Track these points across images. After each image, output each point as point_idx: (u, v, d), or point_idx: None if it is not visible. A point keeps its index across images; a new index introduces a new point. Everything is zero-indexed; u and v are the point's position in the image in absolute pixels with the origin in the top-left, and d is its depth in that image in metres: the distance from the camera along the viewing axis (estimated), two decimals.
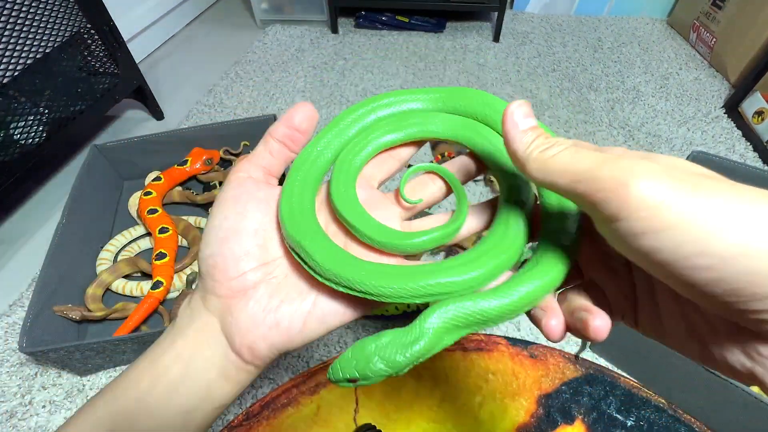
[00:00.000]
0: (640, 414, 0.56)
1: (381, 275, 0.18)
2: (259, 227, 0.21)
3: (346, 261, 0.18)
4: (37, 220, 0.81)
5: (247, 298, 0.20)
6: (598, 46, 1.26)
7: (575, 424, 0.55)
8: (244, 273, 0.20)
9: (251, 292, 0.20)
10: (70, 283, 0.62)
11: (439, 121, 0.22)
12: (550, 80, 1.13)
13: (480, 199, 0.82)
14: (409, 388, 0.58)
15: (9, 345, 0.63)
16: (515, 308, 0.18)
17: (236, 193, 0.21)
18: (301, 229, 0.19)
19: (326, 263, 0.18)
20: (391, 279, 0.18)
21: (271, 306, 0.20)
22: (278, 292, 0.20)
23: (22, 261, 0.75)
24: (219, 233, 0.20)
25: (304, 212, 0.20)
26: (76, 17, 0.81)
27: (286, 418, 0.55)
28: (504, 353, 0.62)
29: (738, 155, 0.90)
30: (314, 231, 0.19)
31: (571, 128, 0.97)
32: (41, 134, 0.76)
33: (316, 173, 0.21)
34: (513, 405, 0.56)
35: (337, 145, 0.22)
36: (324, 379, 0.58)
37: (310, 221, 0.20)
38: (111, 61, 0.89)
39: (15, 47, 0.71)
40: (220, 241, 0.20)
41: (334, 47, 1.28)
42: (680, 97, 1.06)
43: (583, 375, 0.60)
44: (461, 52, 1.24)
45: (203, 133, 0.81)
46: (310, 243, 0.18)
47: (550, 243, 0.19)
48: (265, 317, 0.20)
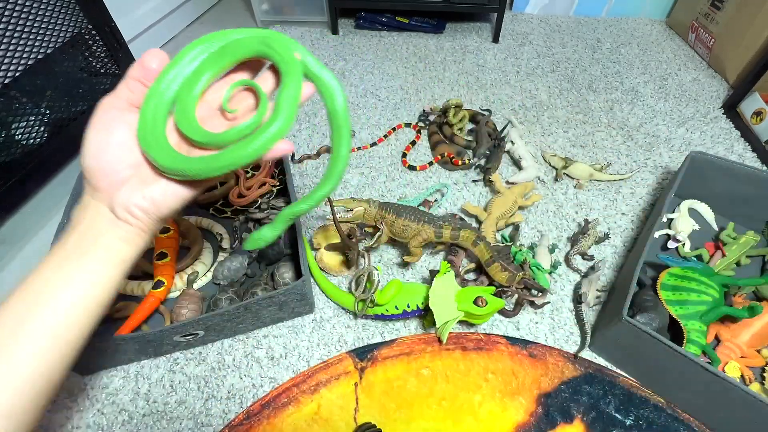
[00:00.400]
0: (638, 413, 0.56)
1: (195, 161, 0.29)
2: (127, 139, 0.29)
3: (176, 158, 0.29)
4: (38, 221, 0.82)
5: (123, 186, 0.29)
6: (597, 46, 1.26)
7: (574, 423, 0.55)
8: (117, 171, 0.29)
9: (125, 183, 0.29)
10: None
11: (239, 45, 0.31)
12: (549, 81, 1.13)
13: (480, 199, 0.82)
14: (409, 387, 0.58)
15: None
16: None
17: (102, 117, 0.30)
18: (148, 143, 0.29)
19: (164, 162, 0.28)
20: (201, 161, 0.29)
21: (142, 187, 0.29)
22: (146, 180, 0.30)
23: (24, 261, 0.75)
24: (92, 147, 0.29)
25: (155, 131, 0.29)
26: (77, 18, 0.81)
27: (287, 417, 0.56)
28: (503, 352, 0.62)
29: (737, 155, 0.90)
30: (159, 143, 0.29)
31: (570, 128, 0.98)
32: (42, 135, 0.77)
33: (166, 102, 0.30)
34: (512, 404, 0.57)
35: (179, 81, 0.31)
36: (324, 378, 0.58)
37: (159, 136, 0.29)
38: (112, 61, 0.89)
39: (16, 48, 0.71)
40: (94, 153, 0.29)
41: (335, 48, 1.28)
42: (679, 98, 1.06)
43: (582, 374, 0.60)
44: (461, 52, 1.25)
45: None
46: (153, 151, 0.29)
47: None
48: (137, 193, 0.29)
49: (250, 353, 0.62)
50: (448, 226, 0.64)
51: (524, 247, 0.73)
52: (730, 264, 0.67)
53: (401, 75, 1.16)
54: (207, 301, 0.65)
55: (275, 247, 0.69)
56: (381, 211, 0.66)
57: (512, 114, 1.02)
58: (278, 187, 0.80)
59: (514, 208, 0.75)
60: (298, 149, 0.94)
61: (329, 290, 0.67)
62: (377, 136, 0.97)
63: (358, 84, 1.13)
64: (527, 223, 0.78)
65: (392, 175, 0.87)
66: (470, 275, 0.70)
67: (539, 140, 0.95)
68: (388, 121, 1.01)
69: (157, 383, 0.59)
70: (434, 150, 0.91)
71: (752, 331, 0.58)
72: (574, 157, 0.90)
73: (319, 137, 0.97)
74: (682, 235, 0.70)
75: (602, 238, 0.74)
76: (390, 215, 0.66)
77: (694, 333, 0.55)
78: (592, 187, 0.84)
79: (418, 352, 0.61)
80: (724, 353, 0.58)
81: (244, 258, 0.68)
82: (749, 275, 0.68)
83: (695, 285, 0.59)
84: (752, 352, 0.58)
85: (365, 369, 0.59)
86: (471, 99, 1.07)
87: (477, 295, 0.58)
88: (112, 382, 0.59)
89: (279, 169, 0.83)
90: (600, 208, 0.80)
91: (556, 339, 0.63)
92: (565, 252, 0.73)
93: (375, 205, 0.67)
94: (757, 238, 0.68)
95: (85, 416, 0.56)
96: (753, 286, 0.63)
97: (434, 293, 0.58)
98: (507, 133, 0.92)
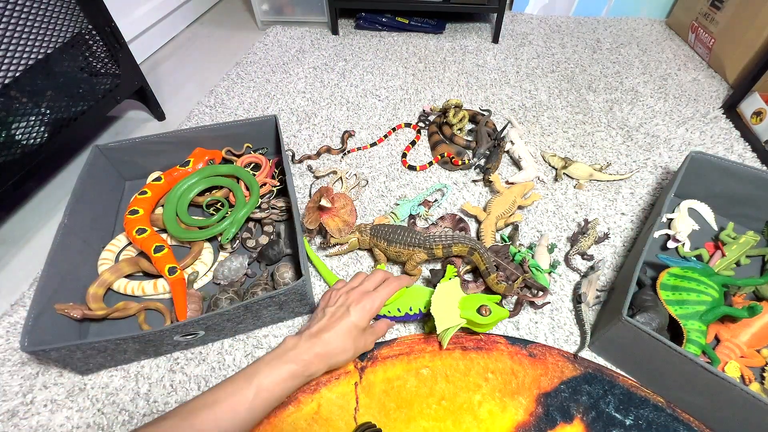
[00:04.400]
0: (638, 413, 0.56)
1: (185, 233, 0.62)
2: None
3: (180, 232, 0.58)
4: (38, 221, 0.82)
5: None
6: (597, 46, 1.26)
7: (574, 422, 0.55)
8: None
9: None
10: (72, 283, 0.62)
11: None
12: (549, 81, 1.13)
13: (479, 199, 0.82)
14: (409, 387, 0.58)
15: (10, 344, 0.63)
16: None
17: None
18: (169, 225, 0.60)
19: (176, 234, 0.60)
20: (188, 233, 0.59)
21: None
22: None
23: (24, 261, 0.75)
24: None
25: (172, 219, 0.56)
26: (78, 18, 0.81)
27: (287, 416, 0.56)
28: (503, 352, 0.62)
29: (736, 155, 0.90)
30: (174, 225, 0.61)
31: (569, 129, 0.98)
32: (43, 135, 0.77)
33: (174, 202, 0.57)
34: (512, 404, 0.57)
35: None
36: (325, 378, 0.58)
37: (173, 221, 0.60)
38: (112, 61, 0.89)
39: (16, 48, 0.71)
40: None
41: (335, 48, 1.28)
42: (679, 98, 1.06)
43: (582, 374, 0.60)
44: (461, 53, 1.25)
45: (204, 134, 0.81)
46: (170, 228, 0.58)
47: None
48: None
49: (251, 353, 0.62)
50: (438, 246, 0.64)
51: (523, 247, 0.73)
52: (730, 264, 0.67)
53: (401, 75, 1.16)
54: (207, 301, 0.65)
55: (275, 247, 0.69)
56: (373, 239, 0.69)
57: (512, 114, 1.02)
58: (278, 187, 0.80)
59: (514, 208, 0.76)
60: (298, 149, 0.94)
61: (329, 278, 0.68)
62: (377, 136, 0.97)
63: (358, 84, 1.13)
64: (527, 223, 0.78)
65: (392, 175, 0.87)
66: (469, 275, 0.70)
67: (539, 140, 0.95)
68: (388, 121, 1.01)
69: (157, 383, 0.59)
70: (434, 150, 0.92)
71: (752, 331, 0.58)
72: (573, 157, 0.90)
73: (319, 137, 0.97)
74: (682, 235, 0.70)
75: (602, 238, 0.74)
76: (381, 243, 0.67)
77: (693, 333, 0.55)
78: (591, 187, 0.84)
79: (417, 352, 0.61)
80: (724, 353, 0.58)
81: (245, 258, 0.68)
82: (749, 275, 0.68)
83: (695, 285, 0.59)
84: (752, 352, 0.58)
85: (365, 368, 0.59)
86: (471, 99, 1.07)
87: (481, 303, 0.57)
88: (112, 382, 0.59)
89: (279, 170, 0.83)
90: (600, 208, 0.80)
91: (555, 339, 0.63)
92: (564, 252, 0.73)
93: (366, 233, 0.69)
94: (756, 238, 0.68)
95: (85, 416, 0.56)
96: (753, 286, 0.63)
97: (437, 299, 0.58)
98: (507, 133, 0.92)
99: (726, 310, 0.56)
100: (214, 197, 0.76)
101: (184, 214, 0.72)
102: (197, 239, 0.69)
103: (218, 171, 0.78)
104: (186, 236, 0.69)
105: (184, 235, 0.69)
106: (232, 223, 0.70)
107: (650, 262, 0.68)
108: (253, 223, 0.75)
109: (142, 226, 0.68)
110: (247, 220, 0.74)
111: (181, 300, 0.62)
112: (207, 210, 0.76)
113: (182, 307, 0.62)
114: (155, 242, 0.66)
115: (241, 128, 0.82)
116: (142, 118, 1.06)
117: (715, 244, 0.71)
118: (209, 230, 0.70)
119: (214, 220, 0.72)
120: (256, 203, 0.74)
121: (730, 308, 0.56)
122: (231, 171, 0.78)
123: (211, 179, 0.77)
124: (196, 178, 0.76)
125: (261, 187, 0.77)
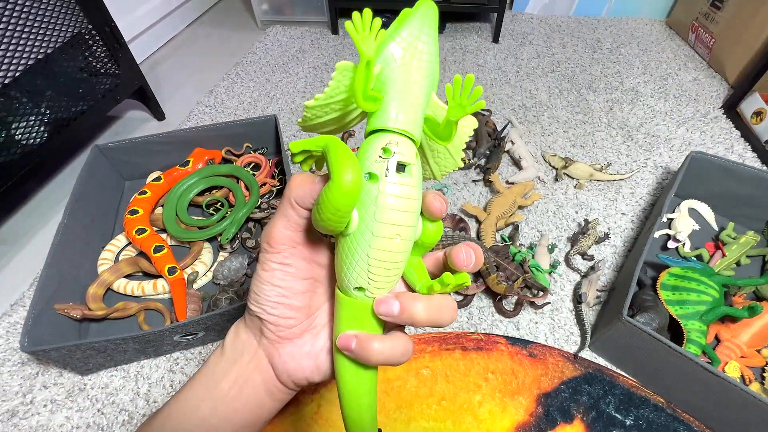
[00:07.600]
0: (638, 413, 0.56)
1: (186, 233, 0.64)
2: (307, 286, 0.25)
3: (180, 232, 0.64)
4: (38, 220, 0.82)
5: (293, 342, 0.25)
6: (597, 46, 1.26)
7: (574, 423, 0.55)
8: (293, 326, 0.24)
9: (297, 338, 0.25)
10: (72, 283, 0.62)
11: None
12: (549, 81, 1.13)
13: (480, 198, 0.82)
14: (409, 387, 0.58)
15: (10, 344, 0.63)
16: None
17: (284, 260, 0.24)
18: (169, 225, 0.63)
19: (174, 233, 0.64)
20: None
21: (314, 351, 0.25)
22: (318, 340, 0.25)
23: (24, 261, 0.75)
24: (273, 294, 0.24)
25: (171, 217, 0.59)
26: (77, 18, 0.81)
27: (287, 416, 0.56)
28: (503, 352, 0.62)
29: (737, 155, 0.90)
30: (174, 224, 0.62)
31: (569, 129, 0.98)
32: (42, 134, 0.77)
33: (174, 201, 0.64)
34: (512, 404, 0.57)
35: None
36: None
37: (173, 220, 0.62)
38: (112, 61, 0.89)
39: (16, 48, 0.71)
40: (276, 301, 0.24)
41: (335, 48, 1.28)
42: (679, 98, 1.06)
43: (582, 374, 0.60)
44: (461, 52, 1.25)
45: (204, 134, 0.81)
46: (169, 228, 0.62)
47: None
48: (309, 360, 0.25)
49: None
50: (438, 246, 0.64)
51: (524, 247, 0.73)
52: (730, 264, 0.67)
53: None
54: (207, 301, 0.65)
55: None
56: None
57: (512, 114, 1.02)
58: (278, 187, 0.80)
59: (514, 208, 0.75)
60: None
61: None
62: None
63: None
64: (527, 223, 0.78)
65: None
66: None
67: (539, 140, 0.95)
68: None
69: (157, 383, 0.59)
70: None
71: (752, 331, 0.58)
72: (574, 157, 0.90)
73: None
74: (682, 235, 0.70)
75: (602, 238, 0.74)
76: None
77: (694, 333, 0.55)
78: (592, 187, 0.84)
79: (417, 352, 0.61)
80: (724, 353, 0.58)
81: (244, 258, 0.68)
82: (749, 275, 0.68)
83: (695, 285, 0.59)
84: (752, 352, 0.58)
85: None
86: None
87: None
88: (112, 382, 0.59)
89: (279, 169, 0.83)
90: (600, 208, 0.80)
91: (556, 339, 0.63)
92: (564, 252, 0.73)
93: None
94: (757, 238, 0.68)
95: (85, 416, 0.56)
96: (753, 286, 0.63)
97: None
98: (507, 133, 0.92)
99: (726, 310, 0.56)
100: (214, 197, 0.76)
101: (184, 214, 0.72)
102: (197, 239, 0.69)
103: (218, 171, 0.78)
104: (186, 236, 0.69)
105: (183, 235, 0.69)
106: (231, 223, 0.71)
107: (650, 262, 0.68)
108: (253, 223, 0.75)
109: (142, 226, 0.68)
110: (246, 220, 0.74)
111: (180, 300, 0.62)
112: (207, 210, 0.76)
113: (182, 307, 0.62)
114: (155, 242, 0.66)
115: (240, 128, 0.82)
116: (141, 118, 1.06)
117: (716, 244, 0.71)
118: (209, 230, 0.70)
119: (214, 220, 0.72)
120: (255, 203, 0.74)
121: (730, 308, 0.56)
122: (231, 171, 0.78)
123: (211, 179, 0.77)
124: (195, 178, 0.76)
125: (261, 187, 0.77)
